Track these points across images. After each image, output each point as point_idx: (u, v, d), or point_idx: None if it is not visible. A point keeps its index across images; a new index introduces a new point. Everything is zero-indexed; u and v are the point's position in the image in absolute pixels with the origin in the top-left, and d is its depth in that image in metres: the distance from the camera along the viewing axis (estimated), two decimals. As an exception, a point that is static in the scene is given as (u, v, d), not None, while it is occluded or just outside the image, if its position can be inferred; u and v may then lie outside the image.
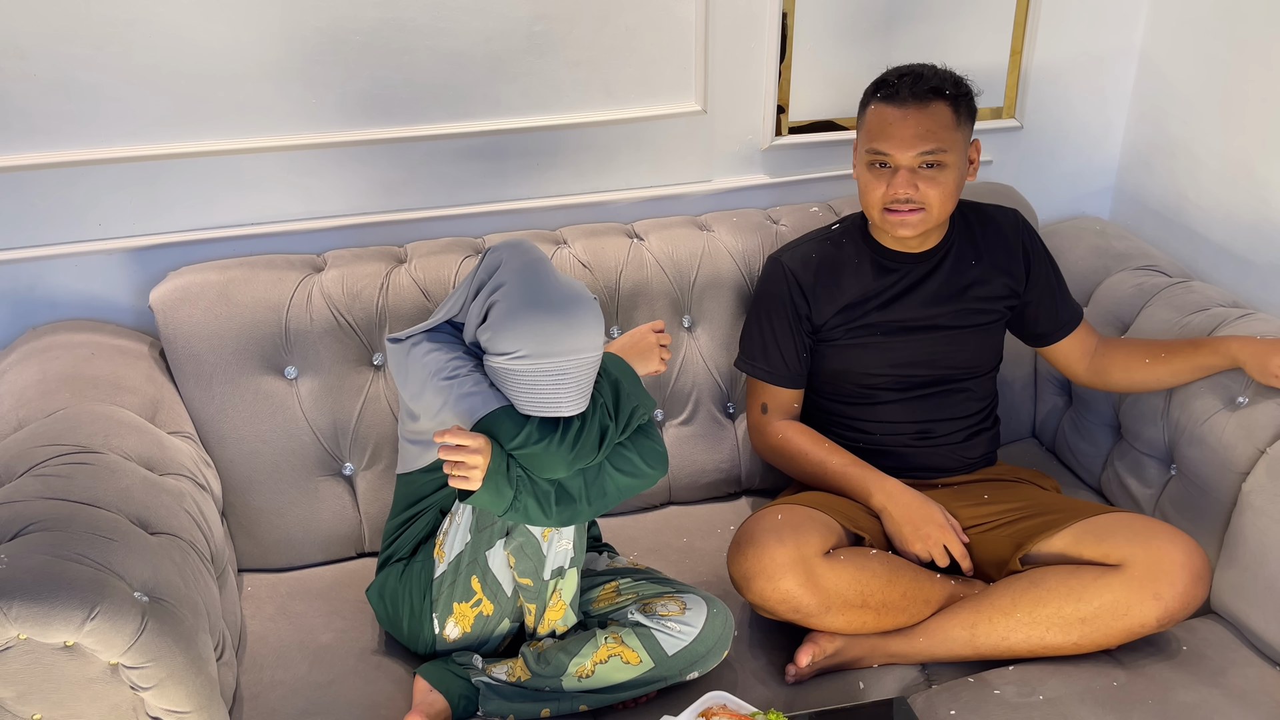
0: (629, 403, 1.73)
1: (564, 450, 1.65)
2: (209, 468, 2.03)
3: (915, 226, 2.03)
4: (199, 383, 2.07)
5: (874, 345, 2.14)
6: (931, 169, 1.99)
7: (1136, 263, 2.45)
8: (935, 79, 2.00)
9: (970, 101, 2.04)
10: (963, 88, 2.03)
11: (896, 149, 1.98)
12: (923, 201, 2.00)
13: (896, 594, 1.93)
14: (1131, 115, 2.71)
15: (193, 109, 2.11)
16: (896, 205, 2.01)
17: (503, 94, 2.28)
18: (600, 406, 1.71)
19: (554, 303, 1.67)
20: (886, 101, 2.00)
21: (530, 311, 1.66)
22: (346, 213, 2.28)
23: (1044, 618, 1.88)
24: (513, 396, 1.68)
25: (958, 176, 2.02)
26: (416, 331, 1.81)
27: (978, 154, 2.08)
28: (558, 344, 1.64)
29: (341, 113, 2.20)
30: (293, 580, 2.14)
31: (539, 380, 1.65)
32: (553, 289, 1.69)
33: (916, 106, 1.97)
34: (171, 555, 1.66)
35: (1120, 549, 1.89)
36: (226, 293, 2.07)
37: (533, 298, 1.67)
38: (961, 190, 2.06)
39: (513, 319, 1.66)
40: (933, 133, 1.97)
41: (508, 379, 1.67)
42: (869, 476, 2.08)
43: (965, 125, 2.02)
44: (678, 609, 1.85)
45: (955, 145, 1.99)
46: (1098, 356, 2.23)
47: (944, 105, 1.98)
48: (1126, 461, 2.31)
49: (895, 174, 1.99)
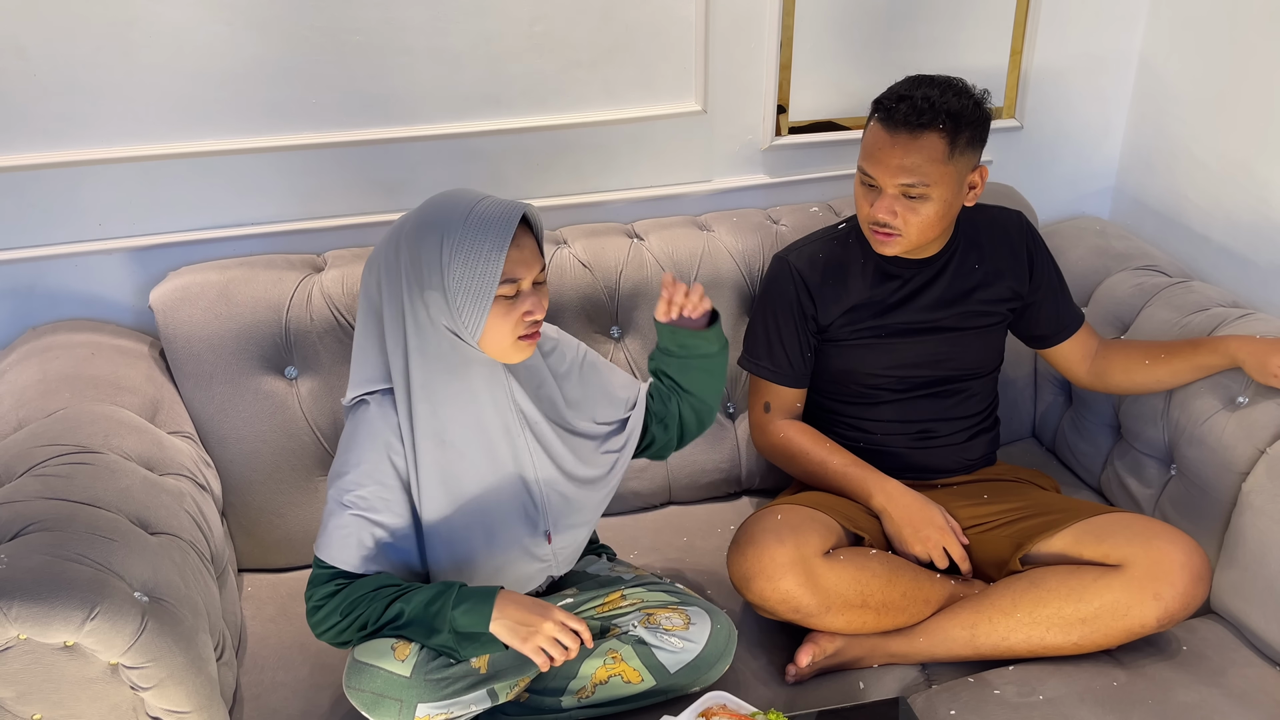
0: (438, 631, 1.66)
1: (326, 616, 1.68)
2: (209, 468, 2.03)
3: (893, 248, 2.02)
4: (199, 383, 2.06)
5: (878, 346, 2.13)
6: (913, 199, 1.96)
7: (1136, 263, 2.45)
8: (934, 111, 1.91)
9: (979, 129, 1.97)
10: (968, 118, 1.94)
11: (880, 174, 1.96)
12: (899, 228, 1.98)
13: (896, 594, 1.93)
14: (1132, 115, 2.71)
15: (193, 109, 2.11)
16: (877, 226, 2.01)
17: (502, 94, 2.27)
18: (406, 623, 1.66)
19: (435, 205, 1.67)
20: (882, 123, 1.96)
21: (425, 228, 1.64)
22: (346, 213, 2.28)
23: (1044, 618, 1.88)
24: (470, 300, 1.62)
25: (941, 208, 1.97)
26: (364, 394, 1.74)
27: (982, 180, 2.02)
28: (455, 210, 1.63)
29: (341, 113, 2.19)
30: (293, 581, 2.14)
31: (468, 241, 1.61)
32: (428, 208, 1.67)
33: (907, 136, 1.93)
34: (171, 555, 1.66)
35: (1120, 549, 1.89)
36: (227, 293, 2.07)
37: (419, 223, 1.65)
38: (949, 217, 2.01)
39: (424, 246, 1.63)
40: (918, 167, 1.93)
41: (459, 287, 1.62)
42: (869, 477, 2.08)
43: (964, 155, 1.96)
44: (681, 623, 1.82)
45: (942, 179, 1.94)
46: (1098, 359, 2.22)
47: (937, 138, 1.92)
48: (1126, 461, 2.31)
49: (880, 195, 1.98)
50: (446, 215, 1.63)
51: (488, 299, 1.62)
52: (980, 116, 1.97)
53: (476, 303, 1.62)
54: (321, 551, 1.71)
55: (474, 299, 1.62)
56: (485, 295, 1.62)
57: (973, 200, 2.04)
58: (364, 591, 1.68)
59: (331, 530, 1.70)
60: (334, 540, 1.70)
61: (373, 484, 1.70)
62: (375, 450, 1.71)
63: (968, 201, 2.04)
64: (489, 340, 1.67)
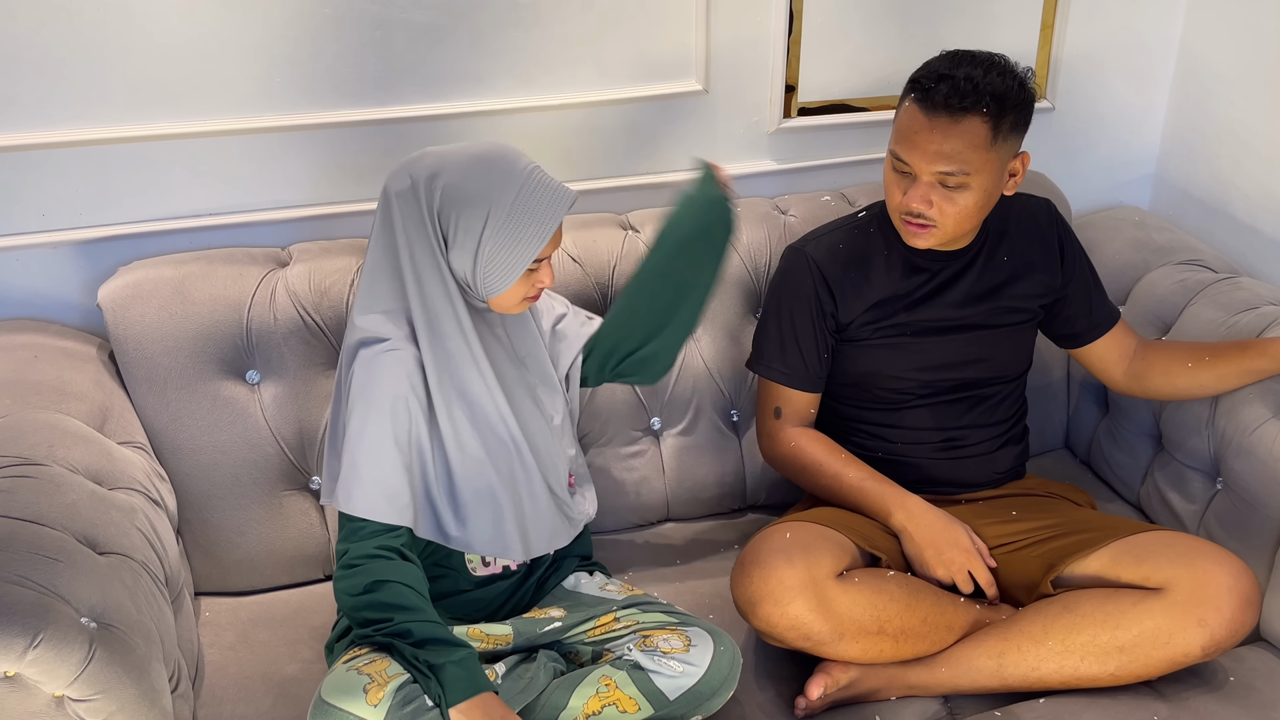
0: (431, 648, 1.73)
1: (348, 596, 1.75)
2: (163, 481, 2.04)
3: (926, 240, 2.03)
4: (152, 388, 2.07)
5: (902, 346, 2.14)
6: (950, 187, 1.97)
7: (1179, 257, 2.46)
8: (978, 92, 1.91)
9: (1023, 112, 1.97)
10: (1012, 100, 1.94)
11: (916, 161, 1.96)
12: (935, 219, 1.99)
13: (916, 619, 1.94)
14: (1173, 96, 2.71)
15: (146, 89, 2.12)
16: (909, 216, 2.01)
17: (485, 72, 2.28)
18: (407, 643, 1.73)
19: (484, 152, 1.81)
20: (919, 104, 1.95)
21: (477, 167, 1.78)
22: (314, 202, 2.29)
23: (1078, 646, 1.89)
24: (507, 259, 1.78)
25: (981, 197, 1.98)
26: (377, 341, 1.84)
27: (1023, 167, 2.03)
28: (506, 168, 1.78)
29: (308, 93, 2.20)
30: (255, 605, 2.14)
31: (514, 218, 1.76)
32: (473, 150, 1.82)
33: (947, 120, 1.93)
34: (122, 577, 1.66)
35: (1161, 571, 1.89)
36: (182, 289, 2.08)
37: (470, 163, 1.79)
38: (989, 207, 2.02)
39: (469, 189, 1.77)
40: (958, 153, 1.93)
41: (498, 247, 1.77)
42: (888, 492, 2.09)
43: (1007, 141, 1.97)
44: (681, 645, 1.83)
45: (984, 167, 1.95)
46: (1136, 360, 2.23)
47: (980, 122, 1.92)
48: (1168, 474, 2.32)
49: (914, 183, 1.99)
50: (496, 189, 1.77)
51: (517, 274, 1.80)
52: (1025, 98, 1.98)
53: (504, 276, 1.80)
54: (357, 506, 1.77)
55: (502, 273, 1.80)
56: (515, 271, 1.80)
57: (1012, 189, 2.05)
58: (389, 591, 1.74)
59: (368, 481, 1.77)
60: (371, 492, 1.77)
61: (399, 427, 1.79)
62: (397, 395, 1.80)
63: (1007, 190, 2.05)
64: (497, 300, 1.85)
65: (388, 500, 1.77)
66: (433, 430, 1.83)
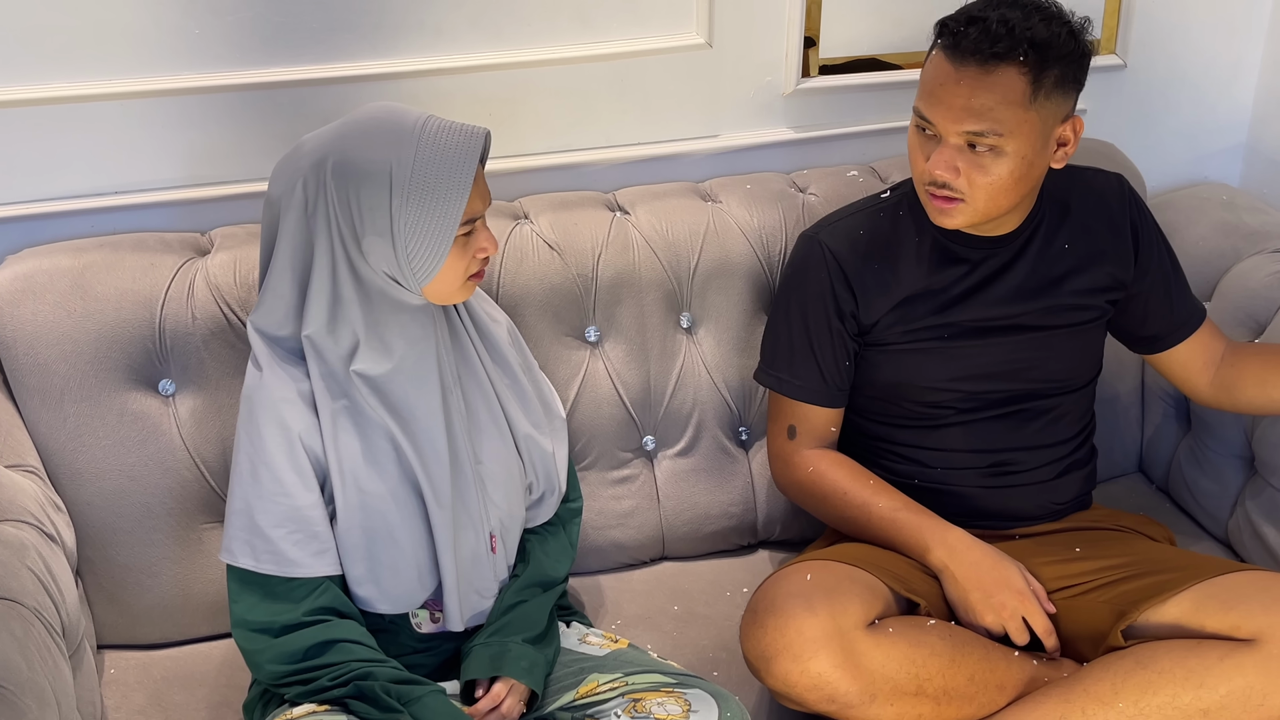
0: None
1: (278, 665, 1.77)
2: (59, 512, 2.03)
3: (954, 219, 2.02)
4: (46, 400, 2.07)
5: (938, 351, 2.14)
6: (980, 151, 1.96)
7: (1275, 243, 2.47)
8: (1013, 38, 1.91)
9: (1074, 66, 1.96)
10: (1058, 50, 1.93)
11: (940, 118, 1.96)
12: (962, 191, 1.98)
13: (961, 678, 1.94)
14: (1269, 52, 2.72)
15: (37, 42, 2.11)
16: (934, 188, 2.01)
17: (444, 23, 2.28)
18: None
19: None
20: (946, 51, 1.96)
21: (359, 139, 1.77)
22: (241, 178, 2.28)
23: (1154, 709, 1.89)
24: (431, 224, 1.75)
25: (1017, 167, 1.96)
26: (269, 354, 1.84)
27: (1076, 135, 2.02)
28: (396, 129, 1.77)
29: (233, 47, 2.20)
30: (169, 660, 2.14)
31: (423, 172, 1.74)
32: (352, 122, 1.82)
33: (977, 68, 1.92)
34: (10, 627, 1.66)
35: (1254, 619, 1.90)
36: (83, 283, 2.07)
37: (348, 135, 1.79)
38: (1030, 181, 2.01)
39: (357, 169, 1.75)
40: (989, 110, 1.92)
41: (415, 215, 1.75)
42: (926, 524, 2.09)
43: (1051, 100, 1.95)
44: (679, 711, 1.82)
45: (1020, 128, 1.93)
46: (1225, 366, 2.24)
47: (1016, 74, 1.92)
48: (1261, 503, 2.33)
49: (939, 146, 1.98)
50: (389, 147, 1.74)
51: (446, 243, 1.77)
52: (1076, 50, 1.97)
53: (433, 249, 1.77)
54: (262, 563, 1.79)
55: (430, 245, 1.76)
56: (444, 239, 1.76)
57: (1062, 161, 2.05)
58: (339, 652, 1.77)
59: (264, 530, 1.79)
60: (276, 543, 1.78)
61: (289, 461, 1.81)
62: (280, 425, 1.81)
63: (1055, 162, 2.04)
64: (437, 284, 1.81)
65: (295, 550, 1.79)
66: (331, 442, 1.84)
